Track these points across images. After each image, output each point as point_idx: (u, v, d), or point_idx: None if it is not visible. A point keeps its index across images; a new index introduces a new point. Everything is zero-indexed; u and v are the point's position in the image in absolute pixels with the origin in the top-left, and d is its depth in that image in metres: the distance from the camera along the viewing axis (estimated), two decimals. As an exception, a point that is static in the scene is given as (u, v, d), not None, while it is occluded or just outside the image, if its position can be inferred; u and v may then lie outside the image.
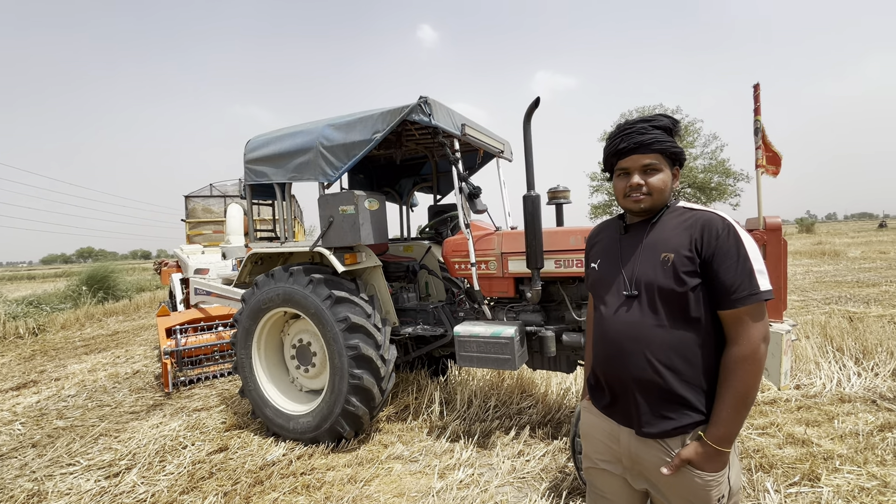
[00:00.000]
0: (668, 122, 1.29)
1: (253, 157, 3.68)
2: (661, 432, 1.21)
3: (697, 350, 1.20)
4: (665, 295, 1.21)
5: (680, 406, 1.20)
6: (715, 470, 1.17)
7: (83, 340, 8.14)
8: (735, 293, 1.15)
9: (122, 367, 5.94)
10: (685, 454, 1.18)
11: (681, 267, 1.19)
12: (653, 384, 1.21)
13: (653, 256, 1.25)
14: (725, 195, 25.87)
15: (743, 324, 1.16)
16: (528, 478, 2.74)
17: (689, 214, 1.27)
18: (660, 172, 1.28)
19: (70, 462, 3.26)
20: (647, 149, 1.26)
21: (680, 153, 1.30)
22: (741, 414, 1.15)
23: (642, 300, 1.25)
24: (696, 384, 1.20)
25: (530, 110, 2.77)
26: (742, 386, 1.14)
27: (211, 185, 11.03)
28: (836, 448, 2.85)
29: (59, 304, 11.47)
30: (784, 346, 2.18)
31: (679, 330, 1.20)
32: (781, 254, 2.41)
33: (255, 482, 2.84)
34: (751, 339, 1.15)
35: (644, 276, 1.25)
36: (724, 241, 1.17)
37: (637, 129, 1.27)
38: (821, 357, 4.21)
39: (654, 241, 1.28)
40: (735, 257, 1.16)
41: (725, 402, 1.16)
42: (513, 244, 3.12)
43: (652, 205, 1.30)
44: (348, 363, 3.06)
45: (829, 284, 9.51)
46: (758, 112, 2.43)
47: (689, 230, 1.23)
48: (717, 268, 1.17)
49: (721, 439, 1.15)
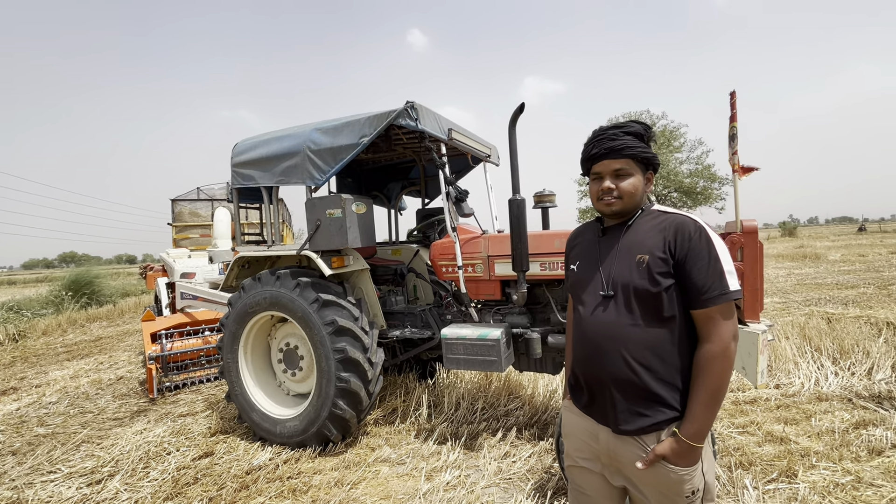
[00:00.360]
0: (640, 128, 1.34)
1: (240, 161, 3.68)
2: (637, 429, 1.25)
3: (671, 349, 1.25)
4: (640, 295, 1.25)
5: (655, 403, 1.24)
6: (688, 465, 1.21)
7: (65, 346, 7.98)
8: (707, 293, 1.20)
9: (105, 373, 5.85)
10: (660, 450, 1.22)
11: (655, 268, 1.24)
12: (628, 382, 1.25)
13: (628, 258, 1.30)
14: (711, 199, 26.33)
15: (714, 322, 1.20)
16: (515, 478, 2.77)
17: (663, 217, 1.32)
18: (630, 177, 1.33)
19: (51, 469, 3.21)
20: (618, 154, 1.32)
21: (651, 158, 1.34)
22: (712, 410, 1.20)
23: (618, 300, 1.29)
24: (670, 382, 1.24)
25: (515, 115, 2.82)
26: (714, 382, 1.19)
27: (198, 188, 10.93)
28: (812, 445, 2.92)
29: (41, 310, 11.24)
30: (760, 345, 2.24)
31: (653, 329, 1.25)
32: (758, 256, 2.48)
33: (240, 487, 2.82)
34: (722, 337, 1.20)
35: (620, 277, 1.30)
36: (696, 243, 1.22)
37: (608, 136, 1.33)
38: (800, 357, 4.32)
39: (629, 243, 1.33)
40: (706, 259, 1.21)
41: (698, 399, 1.20)
42: (499, 247, 3.16)
43: (622, 208, 1.35)
44: (335, 366, 3.06)
45: (809, 286, 9.73)
46: (734, 119, 2.51)
47: (663, 232, 1.27)
48: (689, 269, 1.22)
49: (694, 435, 1.19)
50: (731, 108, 2.51)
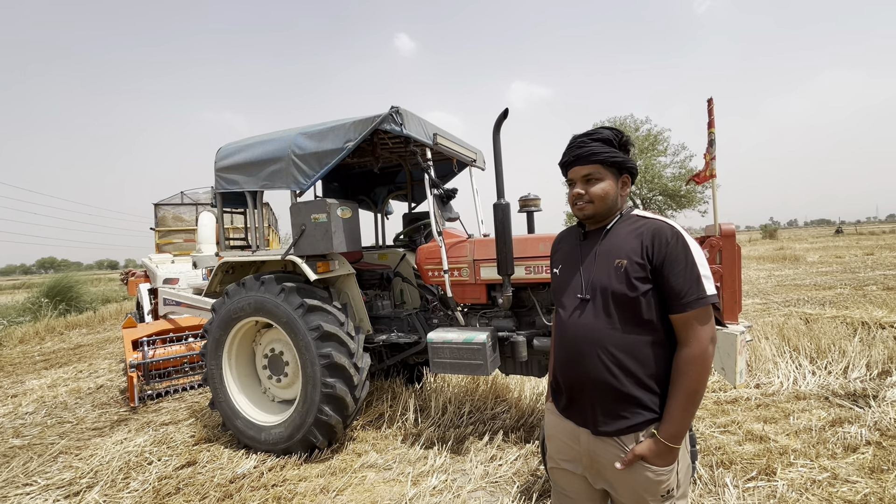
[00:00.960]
0: (609, 134, 1.38)
1: (224, 165, 3.65)
2: (615, 430, 1.28)
3: (649, 352, 1.27)
4: (618, 299, 1.28)
5: (633, 405, 1.27)
6: (665, 465, 1.24)
7: (43, 355, 7.77)
8: (684, 298, 1.22)
9: (84, 382, 5.71)
10: (638, 450, 1.25)
11: (633, 272, 1.26)
12: (607, 385, 1.27)
13: (607, 262, 1.32)
14: (694, 202, 26.84)
15: (692, 327, 1.23)
16: (501, 482, 2.78)
17: (642, 223, 1.35)
18: (600, 181, 1.36)
19: (27, 482, 3.12)
20: (586, 161, 1.36)
21: (622, 162, 1.37)
22: (690, 412, 1.23)
23: (596, 304, 1.31)
24: (648, 385, 1.27)
25: (499, 121, 2.85)
26: (692, 385, 1.21)
27: (182, 192, 10.75)
28: (791, 443, 2.99)
29: (17, 318, 10.93)
30: (739, 346, 2.29)
31: (631, 333, 1.27)
32: (736, 258, 2.54)
33: (224, 496, 2.78)
34: (700, 341, 1.22)
35: (598, 281, 1.32)
36: (674, 249, 1.25)
37: (577, 144, 1.38)
38: (779, 357, 4.42)
39: (608, 247, 1.35)
40: (683, 264, 1.24)
41: (676, 401, 1.23)
42: (484, 251, 3.18)
43: (594, 212, 1.38)
44: (321, 372, 3.04)
45: (788, 287, 9.96)
46: (712, 125, 2.58)
47: (640, 237, 1.30)
48: (667, 274, 1.24)
49: (672, 436, 1.22)
50: (709, 115, 2.58)
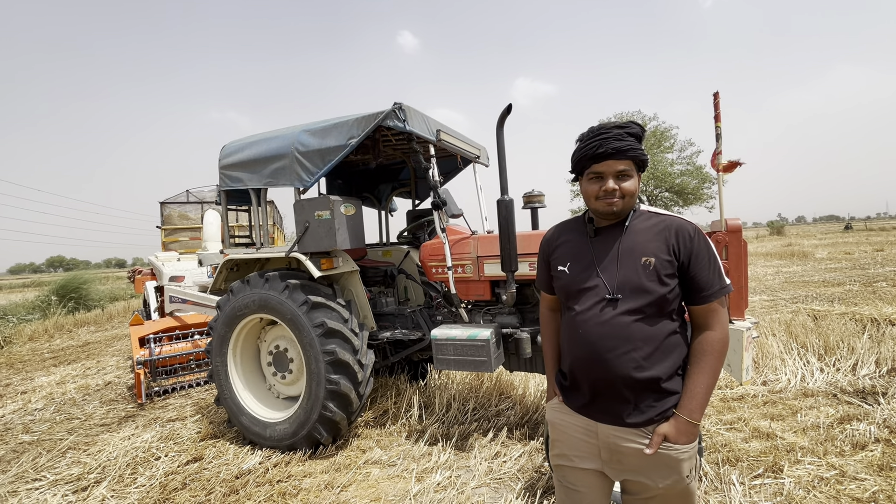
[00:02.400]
0: (639, 130, 1.36)
1: (228, 163, 3.66)
2: (646, 420, 1.30)
3: (675, 340, 1.33)
4: (648, 296, 1.30)
5: (663, 394, 1.30)
6: (688, 441, 1.28)
7: (52, 352, 7.86)
8: (710, 289, 1.30)
9: (92, 379, 5.77)
10: (662, 430, 1.28)
11: (662, 270, 1.30)
12: (640, 380, 1.29)
13: (631, 261, 1.33)
14: (701, 199, 26.65)
15: (715, 312, 1.32)
16: (505, 478, 2.78)
17: (658, 219, 1.38)
18: (631, 178, 1.35)
19: (36, 477, 3.16)
20: (623, 155, 1.32)
21: (646, 161, 1.38)
22: (711, 389, 1.29)
23: (625, 302, 1.31)
24: (674, 372, 1.32)
25: (503, 117, 2.83)
26: (717, 363, 1.29)
27: (188, 190, 10.82)
28: (798, 441, 2.96)
29: (27, 315, 11.06)
30: (745, 342, 2.27)
31: (659, 326, 1.31)
32: (742, 254, 2.51)
33: (229, 492, 2.80)
34: (722, 323, 1.32)
35: (627, 280, 1.32)
36: (698, 245, 1.31)
37: (614, 135, 1.32)
38: (786, 354, 4.38)
39: (630, 245, 1.35)
40: (706, 258, 1.31)
41: (700, 379, 1.28)
42: (488, 248, 3.17)
43: (623, 208, 1.37)
44: (325, 368, 3.05)
45: (797, 284, 9.86)
46: (718, 119, 2.55)
47: (663, 234, 1.33)
48: (693, 269, 1.30)
49: (693, 411, 1.27)
50: (715, 109, 2.55)
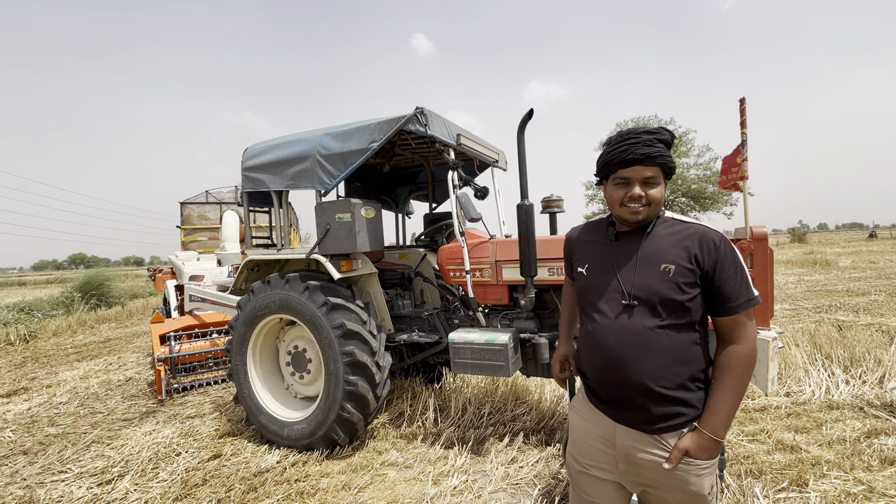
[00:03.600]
0: (669, 137, 1.33)
1: (251, 165, 3.72)
2: (660, 428, 1.28)
3: (695, 351, 1.28)
4: (666, 304, 1.27)
5: (680, 405, 1.27)
6: (709, 458, 1.24)
7: (75, 347, 8.07)
8: (736, 301, 1.25)
9: (114, 374, 5.91)
10: (682, 445, 1.24)
11: (682, 278, 1.26)
12: (653, 390, 1.26)
13: (651, 267, 1.30)
14: (719, 205, 26.18)
15: (742, 325, 1.26)
16: (522, 484, 2.76)
17: (682, 227, 1.34)
18: (658, 185, 1.33)
19: (62, 469, 3.24)
20: (652, 161, 1.30)
21: (675, 168, 1.36)
22: (736, 405, 1.24)
23: (643, 309, 1.29)
24: (693, 384, 1.28)
25: (524, 122, 2.83)
26: (743, 379, 1.24)
27: (207, 191, 11.02)
28: (823, 454, 2.89)
29: (51, 311, 11.37)
30: (771, 352, 2.23)
31: (678, 336, 1.27)
32: (768, 262, 2.47)
33: (248, 489, 2.84)
34: (749, 338, 1.26)
35: (645, 287, 1.29)
36: (723, 254, 1.26)
37: (644, 141, 1.30)
38: (810, 365, 4.27)
39: (650, 251, 1.33)
40: (733, 268, 1.26)
41: (723, 395, 1.24)
42: (507, 252, 3.17)
43: (648, 216, 1.35)
44: (343, 370, 3.08)
45: (819, 293, 9.63)
46: (744, 125, 2.51)
47: (685, 242, 1.29)
48: (718, 279, 1.26)
49: (716, 427, 1.22)
50: (741, 115, 2.51)
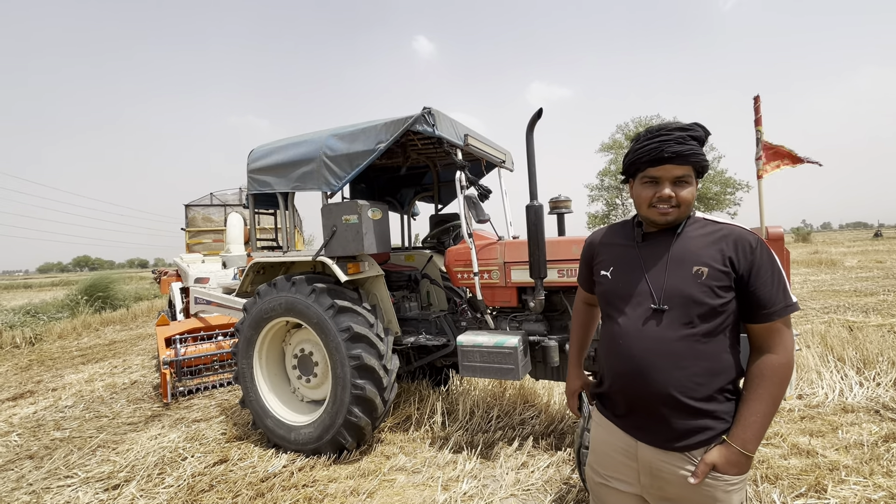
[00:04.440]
0: (702, 133, 1.25)
1: (256, 167, 3.70)
2: (688, 445, 1.20)
3: (725, 362, 1.21)
4: (699, 308, 1.19)
5: (708, 418, 1.20)
6: (738, 473, 1.17)
7: (80, 350, 8.07)
8: (773, 307, 1.18)
9: (119, 378, 5.89)
10: (710, 459, 1.17)
11: (715, 281, 1.19)
12: (682, 401, 1.19)
13: (682, 269, 1.23)
14: (723, 205, 26.06)
15: (779, 333, 1.19)
16: (533, 489, 2.72)
17: (715, 227, 1.27)
18: (689, 185, 1.26)
19: (68, 474, 3.22)
20: (684, 160, 1.22)
21: (707, 166, 1.28)
22: (769, 418, 1.17)
23: (673, 314, 1.21)
24: (722, 396, 1.21)
25: (533, 121, 2.80)
26: (776, 391, 1.17)
27: (211, 193, 11.04)
28: (841, 459, 2.83)
29: (56, 314, 11.39)
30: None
31: (710, 344, 1.20)
32: (784, 263, 2.42)
33: (256, 495, 2.80)
34: (787, 348, 1.19)
35: (675, 290, 1.22)
36: (759, 257, 1.19)
37: (675, 138, 1.22)
38: (822, 367, 4.21)
39: (681, 253, 1.25)
40: (770, 272, 1.19)
41: (757, 407, 1.17)
42: (515, 254, 3.13)
43: (678, 217, 1.28)
44: (350, 373, 3.04)
45: (826, 293, 9.54)
46: (758, 123, 2.47)
47: (719, 244, 1.22)
48: (754, 284, 1.18)
49: (747, 442, 1.15)
50: (756, 112, 2.47)
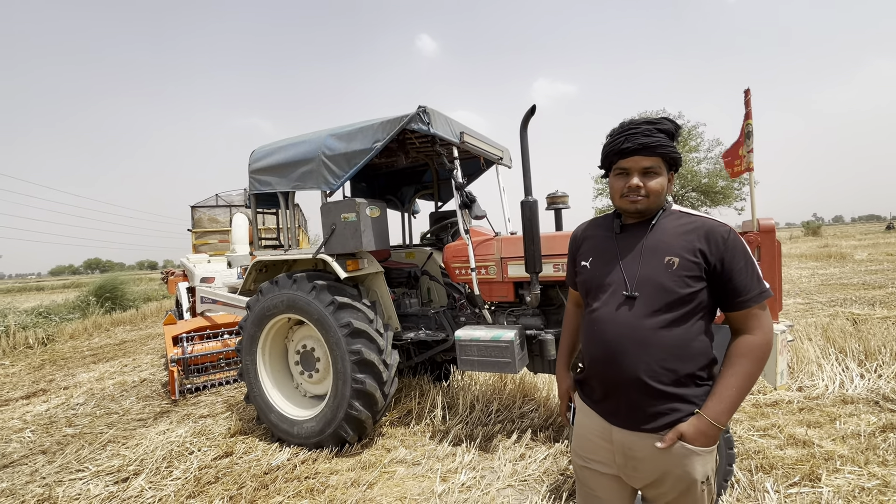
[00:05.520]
0: (671, 127, 1.31)
1: (258, 167, 3.77)
2: (657, 427, 1.25)
3: (698, 346, 1.26)
4: (668, 297, 1.24)
5: (678, 401, 1.24)
6: (706, 444, 1.21)
7: (91, 350, 8.23)
8: (746, 295, 1.23)
9: (129, 376, 6.02)
10: (680, 427, 1.22)
11: (685, 271, 1.24)
12: (650, 386, 1.24)
13: (654, 259, 1.28)
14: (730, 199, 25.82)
15: (756, 317, 1.24)
16: (530, 480, 2.77)
17: (688, 220, 1.32)
18: (658, 176, 1.31)
19: (79, 468, 3.32)
20: (651, 151, 1.28)
21: (678, 159, 1.33)
22: (742, 394, 1.22)
23: (643, 301, 1.27)
24: (691, 381, 1.25)
25: (526, 118, 2.84)
26: (752, 369, 1.22)
27: (217, 194, 11.15)
28: (837, 449, 2.85)
29: (68, 315, 11.61)
30: (780, 346, 2.21)
31: (678, 330, 1.24)
32: (776, 255, 2.44)
33: (259, 486, 2.88)
34: (764, 328, 1.24)
35: (647, 278, 1.27)
36: (732, 248, 1.24)
37: (642, 131, 1.28)
38: (823, 359, 4.21)
39: (654, 243, 1.31)
40: (743, 262, 1.24)
41: (732, 383, 1.21)
42: (512, 249, 3.17)
43: (647, 207, 1.33)
44: (351, 368, 3.11)
45: (834, 287, 9.46)
46: (749, 116, 2.49)
47: (691, 235, 1.27)
48: (728, 274, 1.23)
49: (719, 414, 1.20)
50: (746, 106, 2.50)
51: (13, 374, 6.63)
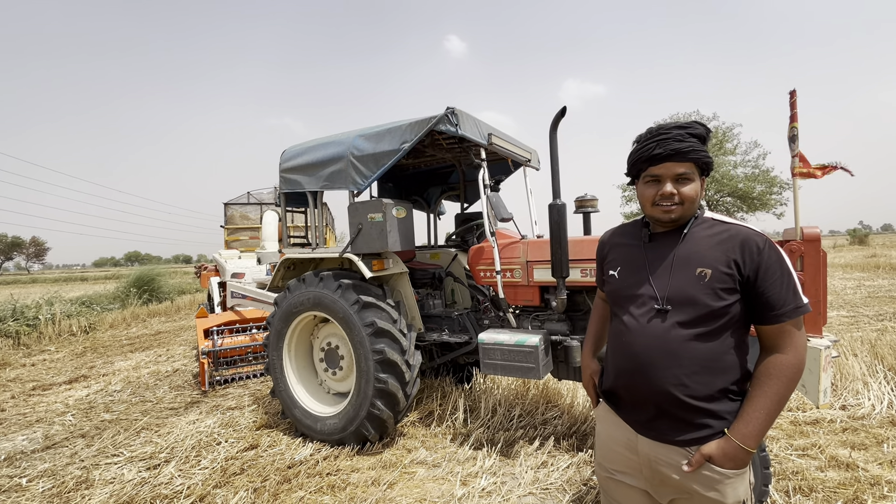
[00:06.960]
0: (703, 131, 1.27)
1: (288, 167, 3.85)
2: (685, 440, 1.21)
3: (731, 360, 1.20)
4: (700, 310, 1.19)
5: (708, 417, 1.20)
6: (735, 468, 1.16)
7: (129, 339, 8.62)
8: (782, 308, 1.16)
9: (163, 366, 6.26)
10: (707, 450, 1.18)
11: (718, 283, 1.18)
12: (680, 399, 1.20)
13: (687, 270, 1.23)
14: (769, 205, 24.71)
15: (789, 334, 1.18)
16: (552, 489, 2.71)
17: (722, 228, 1.26)
18: (692, 182, 1.26)
19: (115, 453, 3.47)
20: (683, 157, 1.24)
21: (711, 163, 1.28)
22: (772, 417, 1.15)
23: (675, 314, 1.22)
24: (722, 396, 1.20)
25: (556, 119, 2.78)
26: (782, 390, 1.15)
27: (248, 192, 11.47)
28: (884, 474, 2.67)
29: (109, 305, 12.19)
30: (823, 362, 2.08)
31: (711, 344, 1.19)
32: (821, 265, 2.30)
33: (283, 480, 2.93)
34: (797, 348, 1.17)
35: (678, 291, 1.23)
36: (767, 259, 1.18)
37: (674, 136, 1.24)
38: (870, 377, 3.96)
39: (686, 253, 1.26)
40: (779, 273, 1.17)
41: (760, 404, 1.15)
42: (538, 252, 3.12)
43: (681, 215, 1.28)
44: (374, 367, 3.13)
45: (882, 300, 8.90)
46: (794, 119, 2.36)
47: (724, 245, 1.22)
48: (762, 285, 1.17)
49: (747, 437, 1.14)
50: (791, 108, 2.36)
51: (57, 360, 7.00)
